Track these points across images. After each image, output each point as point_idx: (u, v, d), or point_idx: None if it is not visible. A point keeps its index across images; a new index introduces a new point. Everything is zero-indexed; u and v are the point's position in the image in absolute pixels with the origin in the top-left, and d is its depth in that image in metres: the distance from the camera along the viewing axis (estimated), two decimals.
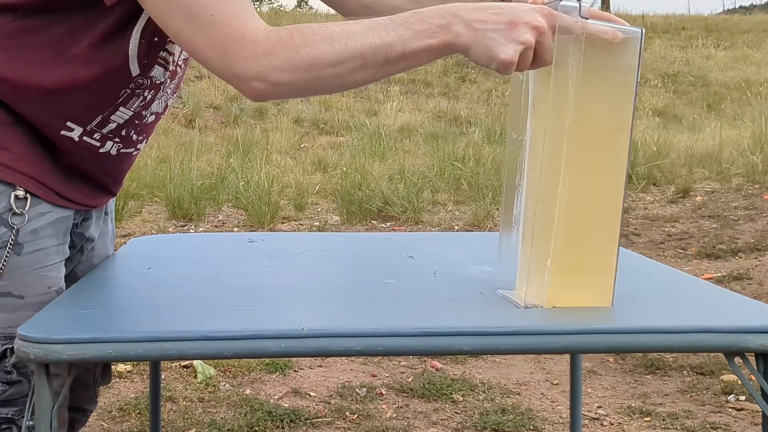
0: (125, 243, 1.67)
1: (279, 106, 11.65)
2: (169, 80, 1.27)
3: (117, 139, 1.28)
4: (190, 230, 5.63)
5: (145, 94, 1.24)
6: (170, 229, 5.62)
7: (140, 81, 1.22)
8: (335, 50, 1.00)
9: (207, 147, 8.82)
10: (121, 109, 1.24)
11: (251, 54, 1.02)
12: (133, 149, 1.33)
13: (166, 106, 1.34)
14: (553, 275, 1.10)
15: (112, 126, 1.25)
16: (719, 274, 4.40)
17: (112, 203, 1.50)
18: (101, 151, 1.27)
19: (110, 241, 1.50)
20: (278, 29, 1.03)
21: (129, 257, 1.51)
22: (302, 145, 9.63)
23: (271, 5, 44.53)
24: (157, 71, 1.23)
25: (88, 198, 1.33)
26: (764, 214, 5.82)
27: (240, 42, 1.02)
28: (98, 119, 1.23)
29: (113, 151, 1.29)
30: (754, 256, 4.83)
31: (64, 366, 0.97)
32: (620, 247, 1.13)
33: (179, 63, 1.28)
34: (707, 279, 4.16)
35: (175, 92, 1.35)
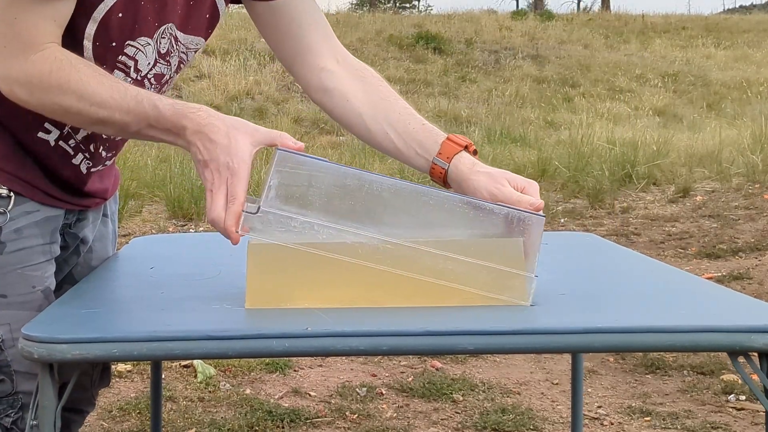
0: (126, 243, 1.67)
1: (279, 106, 11.65)
2: None
3: (87, 155, 1.28)
4: (190, 230, 5.63)
5: None
6: (170, 229, 5.62)
7: None
8: (79, 107, 1.11)
9: None
10: None
11: (17, 70, 1.11)
12: (101, 166, 1.33)
13: None
14: (501, 283, 1.12)
15: (84, 132, 1.25)
16: (719, 274, 4.40)
17: (114, 205, 1.49)
18: (74, 162, 1.27)
19: (111, 243, 1.49)
20: (46, 59, 1.11)
21: (131, 257, 1.51)
22: None
23: None
24: (117, 76, 1.22)
25: (76, 198, 1.32)
26: (764, 214, 5.82)
27: (15, 52, 1.10)
28: None
29: (83, 169, 1.29)
30: (754, 255, 4.83)
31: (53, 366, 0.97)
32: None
33: (148, 76, 1.26)
34: (707, 279, 4.16)
35: None
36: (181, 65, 1.32)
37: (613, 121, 11.90)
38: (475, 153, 1.29)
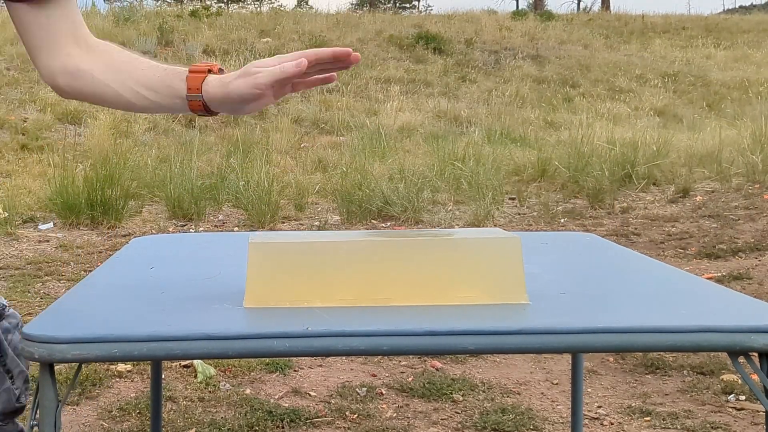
0: (126, 243, 1.67)
1: (279, 106, 11.64)
2: None
3: None
4: (191, 230, 5.63)
5: None
6: (170, 229, 5.62)
7: None
8: None
9: (207, 147, 8.82)
10: None
11: None
12: None
13: None
14: (501, 282, 1.13)
15: None
16: (719, 274, 4.40)
17: None
18: None
19: None
20: None
21: (131, 257, 1.51)
22: (302, 145, 9.64)
23: (271, 5, 44.51)
24: None
25: None
26: (764, 214, 5.82)
27: None
28: None
29: None
30: (754, 255, 4.83)
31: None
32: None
33: None
34: (707, 279, 4.16)
35: None
36: None
37: (613, 122, 11.90)
38: (220, 71, 1.25)
